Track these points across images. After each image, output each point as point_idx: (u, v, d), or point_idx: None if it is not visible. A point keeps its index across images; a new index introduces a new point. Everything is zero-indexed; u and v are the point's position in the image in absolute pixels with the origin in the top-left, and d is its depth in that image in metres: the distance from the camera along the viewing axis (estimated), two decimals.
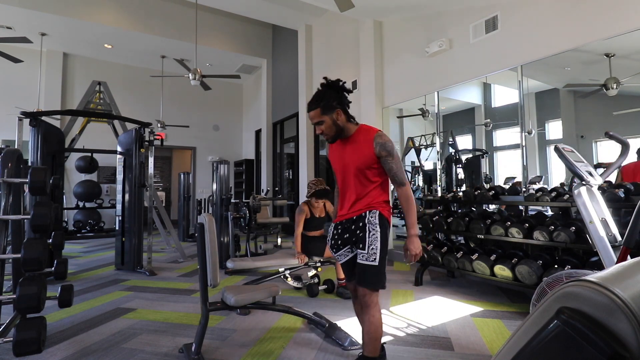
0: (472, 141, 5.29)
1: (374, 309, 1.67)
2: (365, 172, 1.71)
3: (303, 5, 6.05)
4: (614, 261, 1.68)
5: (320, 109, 1.69)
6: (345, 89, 1.74)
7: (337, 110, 1.70)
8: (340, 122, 1.72)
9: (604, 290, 0.40)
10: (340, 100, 1.71)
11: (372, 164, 1.69)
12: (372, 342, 1.65)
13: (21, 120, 3.72)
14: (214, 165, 4.56)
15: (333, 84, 1.72)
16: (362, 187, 1.73)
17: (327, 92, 1.70)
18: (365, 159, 1.69)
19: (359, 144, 1.72)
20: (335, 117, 1.71)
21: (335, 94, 1.70)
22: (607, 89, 3.18)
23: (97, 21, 6.73)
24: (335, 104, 1.69)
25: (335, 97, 1.70)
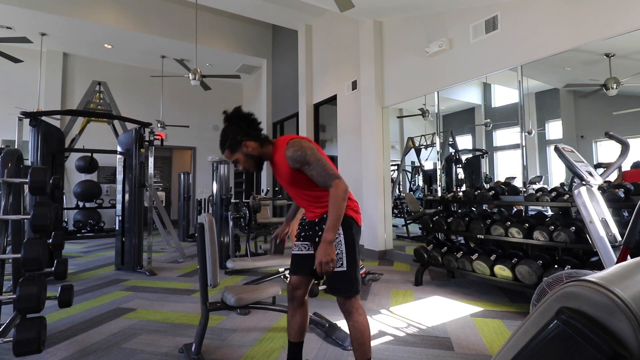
0: (472, 141, 5.30)
1: (355, 314, 1.59)
2: (299, 183, 1.64)
3: (303, 5, 6.05)
4: (614, 261, 1.68)
5: (229, 150, 1.66)
6: (245, 117, 1.66)
7: (245, 143, 1.63)
8: (254, 152, 1.65)
9: (604, 290, 0.40)
10: (245, 131, 1.63)
11: (297, 176, 1.61)
12: (360, 347, 1.59)
13: (21, 120, 3.72)
14: (214, 165, 4.56)
15: (231, 117, 1.65)
16: (309, 195, 1.67)
17: (229, 129, 1.64)
18: (287, 175, 1.63)
19: (277, 163, 1.66)
20: (246, 151, 1.64)
21: (236, 127, 1.63)
22: (607, 89, 3.18)
23: (97, 21, 6.73)
24: (240, 138, 1.63)
25: (238, 130, 1.63)
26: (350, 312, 1.60)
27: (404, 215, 6.25)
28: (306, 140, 1.63)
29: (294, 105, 7.35)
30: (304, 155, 1.55)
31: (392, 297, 3.19)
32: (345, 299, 1.59)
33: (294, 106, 7.35)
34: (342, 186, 1.52)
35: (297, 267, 1.77)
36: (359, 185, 5.35)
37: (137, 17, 7.13)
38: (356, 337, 1.59)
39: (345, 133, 5.82)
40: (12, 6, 6.05)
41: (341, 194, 1.51)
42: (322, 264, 1.48)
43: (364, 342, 1.58)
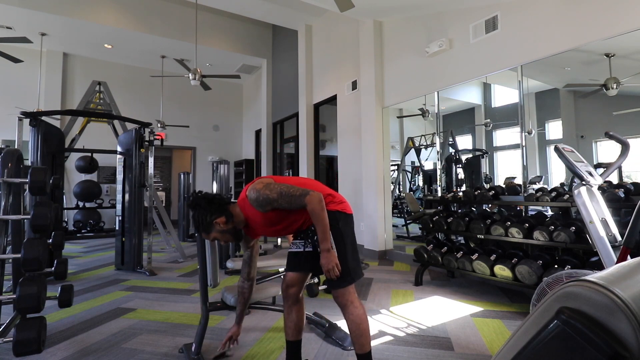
0: (472, 141, 5.30)
1: (350, 307, 1.63)
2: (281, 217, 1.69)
3: (303, 5, 6.05)
4: (614, 261, 1.68)
5: (204, 232, 1.71)
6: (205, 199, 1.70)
7: (215, 222, 1.68)
8: (226, 226, 1.71)
9: (604, 290, 0.40)
10: (211, 212, 1.68)
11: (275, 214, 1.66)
12: (358, 339, 1.62)
13: (21, 120, 3.72)
14: (214, 165, 4.56)
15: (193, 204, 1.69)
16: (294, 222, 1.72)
17: (197, 214, 1.69)
18: (266, 219, 1.67)
19: (251, 216, 1.70)
20: (219, 228, 1.70)
21: (202, 210, 1.68)
22: (607, 89, 3.18)
23: (97, 21, 6.73)
24: (209, 219, 1.68)
25: (205, 213, 1.68)
26: (344, 304, 1.64)
27: (404, 215, 6.25)
28: (258, 182, 1.67)
29: (294, 105, 7.35)
30: (265, 196, 1.60)
31: (392, 297, 3.19)
32: (342, 291, 1.62)
33: (294, 106, 7.35)
34: (314, 199, 1.57)
35: (291, 264, 1.79)
36: (359, 185, 5.35)
37: (137, 17, 7.13)
38: (352, 329, 1.62)
39: (345, 133, 5.82)
40: (12, 6, 6.05)
41: (317, 206, 1.57)
42: (329, 271, 1.57)
43: (361, 334, 1.61)
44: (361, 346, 1.62)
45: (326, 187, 1.78)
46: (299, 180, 1.73)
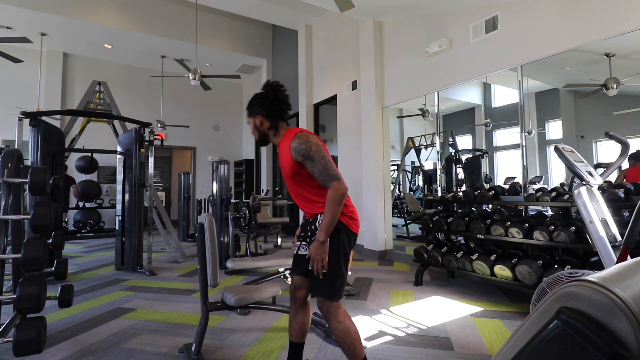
0: (472, 141, 5.30)
1: (333, 320, 1.57)
2: (299, 177, 1.64)
3: (303, 5, 6.05)
4: (614, 261, 1.68)
5: (248, 113, 1.75)
6: (273, 95, 1.70)
7: (258, 116, 1.70)
8: (262, 127, 1.72)
9: (604, 290, 0.40)
10: (263, 107, 1.69)
11: (298, 170, 1.61)
12: (346, 352, 1.57)
13: (21, 120, 3.72)
14: (214, 165, 4.56)
15: (265, 88, 1.71)
16: (304, 191, 1.67)
17: (257, 97, 1.72)
18: (288, 166, 1.63)
19: (282, 151, 1.67)
20: (257, 122, 1.72)
21: (261, 99, 1.70)
22: (607, 89, 3.18)
23: (97, 21, 6.73)
24: (258, 110, 1.70)
25: (260, 102, 1.70)
26: (327, 317, 1.60)
27: (404, 215, 6.25)
28: (314, 136, 1.64)
29: (294, 105, 7.34)
30: (308, 149, 1.55)
31: (392, 297, 3.19)
32: (323, 300, 1.58)
33: (294, 106, 7.34)
34: (340, 189, 1.52)
35: (295, 266, 1.77)
36: (359, 185, 5.35)
37: (137, 17, 7.13)
38: (339, 342, 1.59)
39: (345, 133, 5.82)
40: (12, 6, 6.05)
41: (338, 197, 1.51)
42: (313, 262, 1.53)
43: (348, 348, 1.57)
44: (352, 357, 1.58)
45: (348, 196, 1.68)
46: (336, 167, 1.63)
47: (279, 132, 1.73)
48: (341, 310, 1.60)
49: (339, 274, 1.58)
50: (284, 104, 1.73)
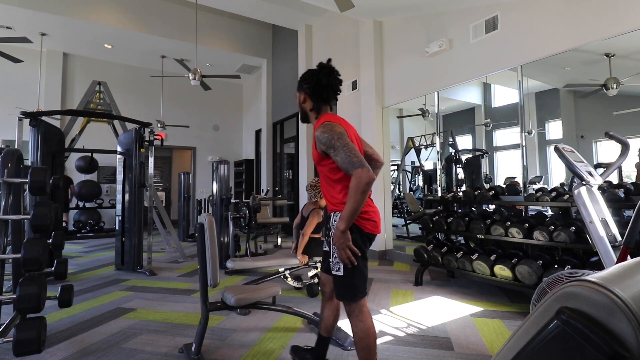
0: (472, 141, 5.30)
1: (355, 319, 1.56)
2: (322, 167, 1.62)
3: (303, 5, 6.05)
4: (614, 261, 1.68)
5: (297, 87, 1.74)
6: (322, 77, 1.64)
7: (303, 93, 1.70)
8: (304, 107, 1.72)
9: (604, 290, 0.40)
10: (310, 86, 1.65)
11: (320, 160, 1.60)
12: (360, 352, 1.56)
13: (21, 120, 3.72)
14: (214, 165, 4.56)
15: (320, 67, 1.67)
16: (325, 183, 1.66)
17: (307, 74, 1.69)
18: (315, 155, 1.63)
19: (313, 139, 1.64)
20: (300, 98, 1.72)
21: (310, 77, 1.66)
22: (607, 89, 3.18)
23: (97, 21, 6.73)
24: (305, 87, 1.68)
25: (308, 81, 1.66)
26: (349, 316, 1.60)
27: (404, 215, 6.24)
28: (340, 125, 1.57)
29: (294, 105, 7.35)
30: (330, 138, 1.50)
31: (392, 297, 3.19)
32: (345, 303, 1.58)
33: (294, 106, 7.35)
34: (363, 177, 1.40)
35: (322, 263, 1.85)
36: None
37: (137, 17, 7.13)
38: (356, 342, 1.58)
39: None
40: (12, 6, 6.05)
41: (361, 186, 1.41)
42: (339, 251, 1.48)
43: (362, 349, 1.55)
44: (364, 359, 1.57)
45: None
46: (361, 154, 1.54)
47: (319, 116, 1.70)
48: (364, 310, 1.57)
49: (356, 274, 1.55)
50: (331, 88, 1.66)
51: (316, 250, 3.27)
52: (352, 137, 1.61)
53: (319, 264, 3.33)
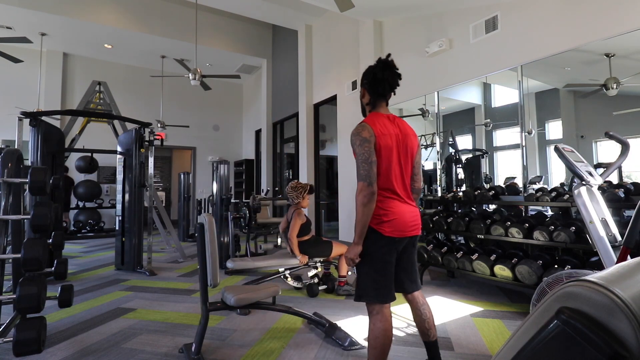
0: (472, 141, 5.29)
1: (371, 320, 1.58)
2: None
3: (303, 5, 6.05)
4: (614, 261, 1.68)
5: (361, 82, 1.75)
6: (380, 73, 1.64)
7: (363, 88, 1.72)
8: (363, 101, 1.75)
9: (604, 290, 0.40)
10: (368, 80, 1.68)
11: None
12: (369, 351, 1.58)
13: (21, 120, 3.72)
14: (214, 165, 4.56)
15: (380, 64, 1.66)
16: None
17: (368, 70, 1.70)
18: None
19: None
20: (361, 93, 1.75)
21: (370, 74, 1.67)
22: (607, 89, 3.18)
23: (97, 21, 6.73)
24: (364, 81, 1.70)
25: (367, 75, 1.68)
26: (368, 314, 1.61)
27: None
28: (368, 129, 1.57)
29: (294, 105, 7.35)
30: (353, 142, 1.58)
31: None
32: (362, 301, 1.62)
33: (294, 106, 7.35)
34: (362, 191, 1.50)
35: None
36: None
37: (137, 17, 7.13)
38: (368, 340, 1.60)
39: (345, 133, 5.82)
40: (12, 6, 6.05)
41: (360, 199, 1.50)
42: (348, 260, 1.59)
43: (373, 347, 1.55)
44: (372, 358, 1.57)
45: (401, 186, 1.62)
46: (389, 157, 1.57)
47: (371, 111, 1.72)
48: (378, 316, 1.57)
49: (361, 278, 1.61)
50: (387, 82, 1.65)
51: (315, 251, 3.27)
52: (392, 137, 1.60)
53: (319, 264, 3.33)
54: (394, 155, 1.59)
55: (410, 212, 1.64)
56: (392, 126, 1.63)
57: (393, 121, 1.66)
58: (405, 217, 1.61)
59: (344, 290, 3.25)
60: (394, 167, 1.59)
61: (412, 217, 1.64)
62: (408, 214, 1.62)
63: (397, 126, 1.66)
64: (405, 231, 1.60)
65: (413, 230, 1.64)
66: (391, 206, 1.59)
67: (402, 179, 1.63)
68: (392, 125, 1.64)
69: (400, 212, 1.60)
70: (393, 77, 1.67)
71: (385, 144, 1.57)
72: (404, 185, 1.64)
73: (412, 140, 1.69)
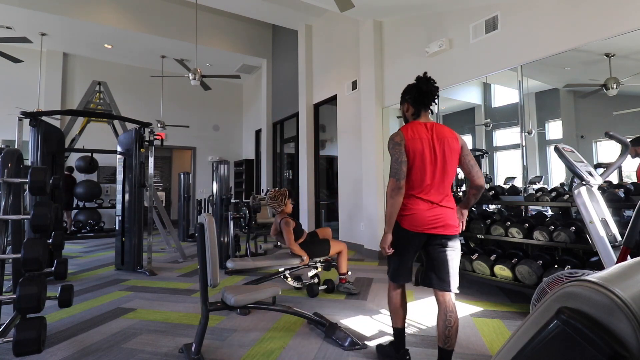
0: (472, 141, 5.29)
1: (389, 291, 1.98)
2: None
3: (303, 5, 6.05)
4: (614, 261, 1.68)
5: (401, 98, 2.02)
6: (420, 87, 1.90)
7: (406, 103, 1.97)
8: (406, 113, 1.98)
9: (604, 290, 0.40)
10: (411, 95, 1.92)
11: None
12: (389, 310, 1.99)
13: (21, 120, 3.72)
14: (214, 165, 4.56)
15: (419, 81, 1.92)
16: None
17: (409, 87, 1.96)
18: None
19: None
20: (404, 109, 1.99)
21: (411, 89, 1.93)
22: (607, 89, 3.18)
23: (97, 21, 6.73)
24: (407, 97, 1.95)
25: (411, 91, 1.93)
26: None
27: None
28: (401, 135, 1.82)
29: (294, 105, 7.35)
30: (389, 146, 1.85)
31: None
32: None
33: (294, 106, 7.35)
34: (390, 185, 1.79)
35: None
36: (359, 185, 5.35)
37: (137, 17, 7.13)
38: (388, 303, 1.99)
39: (345, 133, 5.82)
40: (12, 6, 6.05)
41: (388, 192, 1.79)
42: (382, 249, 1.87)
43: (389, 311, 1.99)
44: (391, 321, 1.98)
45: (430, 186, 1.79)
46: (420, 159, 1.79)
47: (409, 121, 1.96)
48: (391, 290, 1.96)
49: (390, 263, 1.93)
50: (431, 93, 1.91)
51: (316, 251, 3.27)
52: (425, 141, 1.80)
53: (319, 264, 3.33)
54: (427, 156, 1.78)
55: (431, 211, 1.79)
56: (425, 131, 1.83)
57: (428, 127, 1.85)
58: (424, 214, 1.78)
59: (345, 287, 3.26)
60: (427, 167, 1.78)
61: (433, 216, 1.78)
62: (427, 212, 1.78)
63: (431, 131, 1.83)
64: (422, 227, 1.78)
65: (434, 229, 1.78)
66: (412, 203, 1.80)
67: (436, 177, 1.79)
68: (426, 130, 1.83)
69: (419, 210, 1.78)
70: (434, 89, 1.92)
71: (414, 146, 1.78)
72: (441, 183, 1.80)
73: (451, 142, 1.83)
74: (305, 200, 6.61)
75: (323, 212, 7.08)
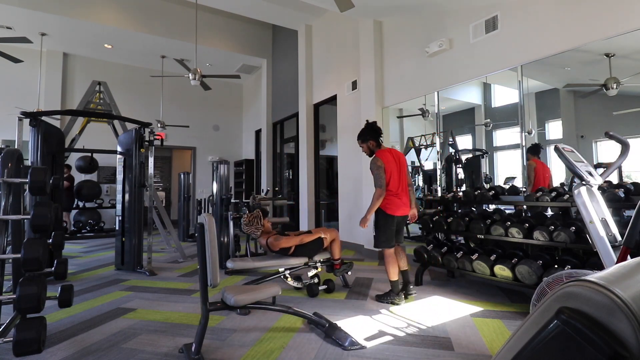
0: (472, 141, 5.29)
1: (384, 254, 3.02)
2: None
3: (303, 5, 6.05)
4: (614, 261, 1.68)
5: (361, 141, 3.18)
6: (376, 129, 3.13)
7: (370, 141, 3.13)
8: (372, 147, 3.15)
9: (604, 290, 0.40)
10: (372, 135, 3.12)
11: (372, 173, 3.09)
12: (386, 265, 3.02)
13: (21, 120, 3.71)
14: (214, 165, 4.56)
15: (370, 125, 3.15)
16: None
17: (366, 131, 3.14)
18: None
19: None
20: (368, 145, 3.15)
21: (370, 131, 3.12)
22: (607, 89, 3.17)
23: (97, 21, 6.73)
24: (368, 137, 3.13)
25: (371, 132, 3.12)
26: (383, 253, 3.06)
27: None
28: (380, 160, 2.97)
29: (294, 105, 7.35)
30: (372, 168, 3.00)
31: None
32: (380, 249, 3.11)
33: (294, 106, 7.35)
34: (376, 193, 2.95)
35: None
36: (358, 185, 5.35)
37: (137, 17, 7.13)
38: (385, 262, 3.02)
39: (345, 133, 5.81)
40: (12, 6, 6.05)
41: (375, 196, 2.95)
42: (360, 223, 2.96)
43: (386, 263, 3.01)
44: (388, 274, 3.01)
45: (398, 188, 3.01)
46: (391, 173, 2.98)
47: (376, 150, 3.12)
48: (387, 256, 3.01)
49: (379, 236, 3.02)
50: (379, 131, 3.14)
51: (313, 250, 3.28)
52: (392, 162, 3.02)
53: (318, 264, 3.34)
54: (395, 172, 3.01)
55: (402, 203, 3.03)
56: (391, 155, 3.04)
57: (392, 153, 3.08)
58: (397, 205, 3.01)
59: (340, 272, 3.38)
60: (394, 178, 3.00)
61: (403, 205, 3.04)
62: (400, 203, 3.02)
63: (392, 154, 3.06)
64: (397, 212, 3.00)
65: (403, 212, 3.06)
66: (391, 199, 2.99)
67: (400, 184, 3.03)
68: (390, 155, 3.05)
69: (395, 203, 3.00)
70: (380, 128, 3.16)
71: (390, 167, 2.99)
72: (401, 187, 3.04)
73: (403, 160, 3.12)
74: (305, 200, 6.61)
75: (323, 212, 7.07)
